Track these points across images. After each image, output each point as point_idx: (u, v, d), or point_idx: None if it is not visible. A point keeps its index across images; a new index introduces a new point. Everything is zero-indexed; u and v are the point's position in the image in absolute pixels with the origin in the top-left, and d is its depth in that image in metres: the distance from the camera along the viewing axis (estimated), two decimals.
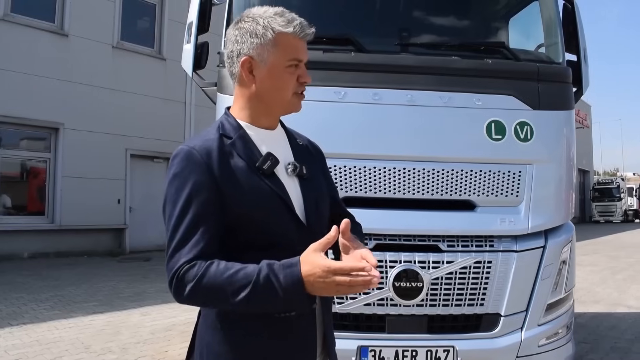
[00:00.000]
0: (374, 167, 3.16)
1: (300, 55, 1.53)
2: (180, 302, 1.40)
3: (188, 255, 1.37)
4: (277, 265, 1.33)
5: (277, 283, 1.31)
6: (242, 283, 1.32)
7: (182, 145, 1.49)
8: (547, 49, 3.81)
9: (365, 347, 3.08)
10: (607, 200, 37.51)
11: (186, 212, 1.40)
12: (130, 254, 13.69)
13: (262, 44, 1.50)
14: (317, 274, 1.29)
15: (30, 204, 12.96)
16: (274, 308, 1.39)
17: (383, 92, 3.19)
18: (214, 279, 1.33)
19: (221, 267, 1.35)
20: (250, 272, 1.33)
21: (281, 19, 1.52)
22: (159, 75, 15.01)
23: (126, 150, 14.14)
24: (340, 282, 1.28)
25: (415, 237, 3.18)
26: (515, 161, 3.28)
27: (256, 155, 1.51)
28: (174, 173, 1.45)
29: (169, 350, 5.36)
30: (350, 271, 1.29)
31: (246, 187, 1.45)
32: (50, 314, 6.79)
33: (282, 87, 1.52)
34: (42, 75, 12.52)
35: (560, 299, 3.45)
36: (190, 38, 3.59)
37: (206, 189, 1.42)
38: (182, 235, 1.39)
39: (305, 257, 1.33)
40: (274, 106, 1.56)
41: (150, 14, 15.38)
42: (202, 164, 1.43)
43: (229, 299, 1.33)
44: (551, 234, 3.40)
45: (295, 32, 1.50)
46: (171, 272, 1.38)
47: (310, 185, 1.61)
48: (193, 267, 1.35)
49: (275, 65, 1.50)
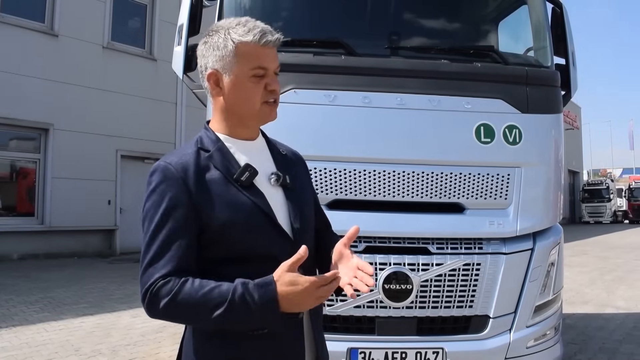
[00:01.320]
0: (364, 170, 3.17)
1: (265, 63, 1.50)
2: (153, 317, 1.41)
3: (162, 270, 1.38)
4: (252, 285, 1.34)
5: (252, 302, 1.32)
6: (216, 301, 1.33)
7: (160, 161, 1.50)
8: (535, 53, 3.83)
9: (355, 349, 3.09)
10: (596, 201, 37.79)
11: (161, 228, 1.42)
12: (120, 255, 13.63)
13: (223, 55, 1.49)
14: (299, 291, 1.32)
15: (19, 205, 12.87)
16: (248, 326, 1.40)
17: (373, 95, 3.20)
18: (188, 296, 1.34)
19: (196, 284, 1.35)
20: (225, 290, 1.34)
21: (242, 28, 1.49)
22: (150, 76, 14.96)
23: (116, 151, 14.09)
24: (322, 294, 1.35)
25: (405, 240, 3.20)
26: (504, 164, 3.31)
27: (234, 167, 1.51)
28: (151, 189, 1.46)
29: (160, 353, 5.35)
30: (330, 280, 1.36)
31: (223, 200, 1.45)
32: (39, 316, 6.75)
33: (248, 97, 1.51)
34: (31, 75, 12.45)
35: (549, 300, 3.47)
36: (181, 40, 3.58)
37: (182, 204, 1.42)
38: (156, 250, 1.41)
39: (281, 277, 1.34)
40: (245, 117, 1.55)
41: (141, 14, 15.32)
42: (177, 179, 1.44)
43: (203, 317, 1.35)
44: (539, 236, 3.42)
45: (255, 40, 1.48)
46: (144, 287, 1.38)
47: (295, 195, 1.61)
48: (167, 283, 1.36)
49: (238, 76, 1.49)
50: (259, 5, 3.78)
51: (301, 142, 1.81)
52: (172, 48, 3.71)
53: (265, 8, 3.76)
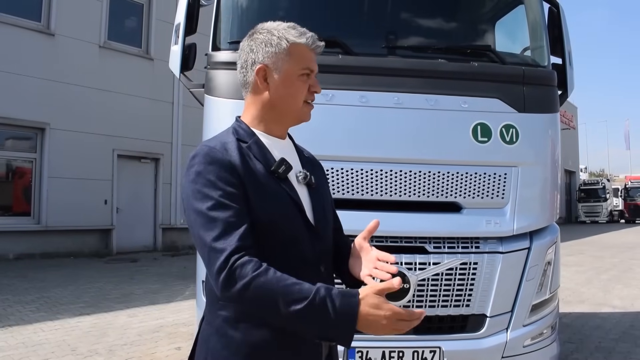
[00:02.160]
0: (361, 169, 3.17)
1: (312, 65, 1.60)
2: (226, 294, 1.35)
3: (234, 244, 1.35)
4: (336, 292, 1.33)
5: (332, 308, 1.30)
6: (297, 297, 1.31)
7: (202, 145, 1.51)
8: (532, 52, 3.84)
9: (352, 348, 3.08)
10: (592, 201, 37.89)
11: (219, 207, 1.39)
12: (117, 255, 13.61)
13: (276, 52, 1.56)
14: (382, 316, 1.31)
15: (15, 204, 12.84)
16: (319, 332, 1.36)
17: (370, 94, 3.20)
18: (270, 282, 1.32)
19: (278, 274, 1.34)
20: (307, 289, 1.32)
21: (294, 31, 1.58)
22: (147, 75, 14.93)
23: (113, 150, 14.05)
24: (401, 327, 1.34)
25: (402, 239, 3.20)
26: (500, 163, 3.31)
27: (271, 160, 1.55)
28: (197, 171, 1.45)
29: (157, 352, 5.34)
30: (412, 317, 1.35)
31: (265, 188, 1.49)
32: (36, 316, 6.73)
33: (295, 95, 1.59)
34: (28, 74, 12.41)
35: (545, 299, 3.48)
36: (178, 39, 3.58)
37: (234, 185, 1.44)
38: (223, 227, 1.37)
39: (366, 297, 1.33)
40: (286, 114, 1.61)
41: (137, 13, 15.30)
42: (224, 160, 1.46)
43: (280, 308, 1.31)
44: (536, 235, 3.43)
45: (308, 43, 1.58)
46: (220, 261, 1.34)
47: (318, 194, 1.67)
48: (250, 262, 1.33)
49: (288, 74, 1.56)
50: (256, 5, 3.78)
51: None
52: (169, 47, 3.71)
53: (262, 7, 3.76)
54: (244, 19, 3.58)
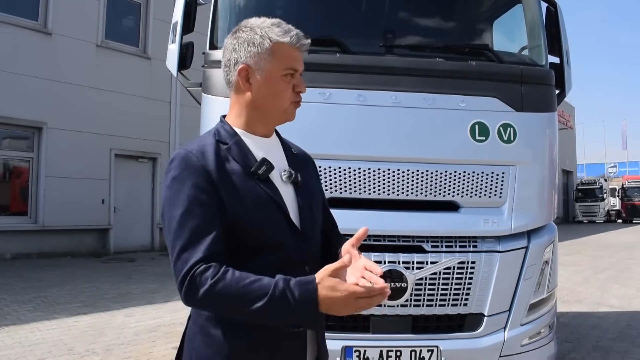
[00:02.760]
0: (359, 168, 3.17)
1: (296, 65, 1.56)
2: (190, 303, 1.39)
3: (199, 254, 1.37)
4: (293, 282, 1.35)
5: (292, 299, 1.32)
6: (257, 294, 1.32)
7: (179, 150, 1.50)
8: (530, 52, 3.84)
9: (349, 348, 3.08)
10: (590, 201, 37.95)
11: (189, 213, 1.41)
12: (114, 254, 13.57)
13: (259, 52, 1.53)
14: (339, 297, 1.32)
15: (12, 204, 12.78)
16: (285, 323, 1.40)
17: (368, 93, 3.20)
18: (229, 286, 1.33)
19: (236, 275, 1.35)
20: (266, 284, 1.34)
21: (278, 29, 1.54)
22: (144, 75, 14.89)
23: (110, 150, 14.01)
24: (361, 305, 1.34)
25: (400, 238, 3.20)
26: (498, 162, 3.31)
27: (251, 161, 1.53)
28: (172, 176, 1.46)
29: (154, 352, 5.33)
30: (372, 293, 1.34)
31: (242, 191, 1.47)
32: (33, 316, 6.71)
33: (278, 96, 1.55)
34: (25, 74, 12.37)
35: (543, 298, 3.48)
36: (175, 38, 3.57)
37: (207, 191, 1.43)
38: (189, 236, 1.39)
39: (323, 280, 1.34)
40: (269, 114, 1.58)
41: (135, 12, 15.25)
42: (199, 166, 1.45)
43: (243, 308, 1.33)
44: (534, 234, 3.43)
45: (292, 42, 1.53)
46: (182, 272, 1.36)
47: (305, 193, 1.63)
48: (208, 269, 1.35)
49: (271, 74, 1.53)
50: (253, 3, 3.77)
51: (296, 140, 1.80)
52: (166, 46, 3.70)
53: (259, 6, 3.75)
54: (241, 18, 3.52)
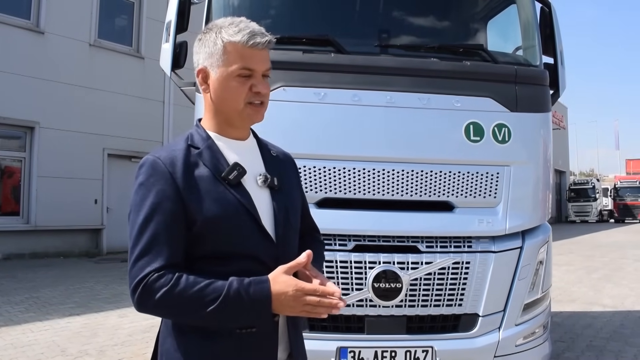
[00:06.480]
0: (353, 168, 3.16)
1: (251, 64, 1.50)
2: (142, 310, 1.40)
3: (154, 264, 1.38)
4: (247, 281, 1.37)
5: (246, 298, 1.35)
6: (211, 297, 1.34)
7: (148, 155, 1.49)
8: (524, 52, 3.85)
9: (344, 348, 3.08)
10: (582, 201, 38.16)
11: (150, 221, 1.41)
12: (107, 254, 13.53)
13: (212, 53, 1.51)
14: (289, 293, 1.35)
15: (4, 204, 12.70)
16: (238, 323, 1.42)
17: (362, 93, 3.19)
18: (183, 291, 1.35)
19: (190, 280, 1.36)
20: (220, 286, 1.36)
21: (234, 28, 1.50)
22: (137, 74, 14.84)
23: (103, 149, 13.96)
24: (310, 302, 1.36)
25: (394, 238, 3.19)
26: (493, 163, 3.31)
27: (223, 165, 1.50)
28: (139, 182, 1.46)
29: (147, 353, 5.30)
30: (321, 293, 1.36)
31: (210, 197, 1.45)
32: (25, 317, 6.67)
33: (231, 97, 1.51)
34: (17, 73, 12.30)
35: (537, 298, 3.49)
36: (169, 37, 3.55)
37: (170, 198, 1.42)
38: (146, 243, 1.40)
39: (275, 277, 1.38)
40: (229, 116, 1.55)
41: (128, 11, 15.20)
42: (165, 173, 1.44)
43: (196, 312, 1.36)
44: (528, 234, 3.44)
45: (243, 40, 1.48)
46: (136, 279, 1.38)
47: (282, 197, 1.60)
48: (161, 277, 1.36)
49: (223, 75, 1.50)
50: (247, 3, 3.76)
51: (290, 140, 1.79)
52: (159, 46, 3.68)
53: (253, 5, 3.74)
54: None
